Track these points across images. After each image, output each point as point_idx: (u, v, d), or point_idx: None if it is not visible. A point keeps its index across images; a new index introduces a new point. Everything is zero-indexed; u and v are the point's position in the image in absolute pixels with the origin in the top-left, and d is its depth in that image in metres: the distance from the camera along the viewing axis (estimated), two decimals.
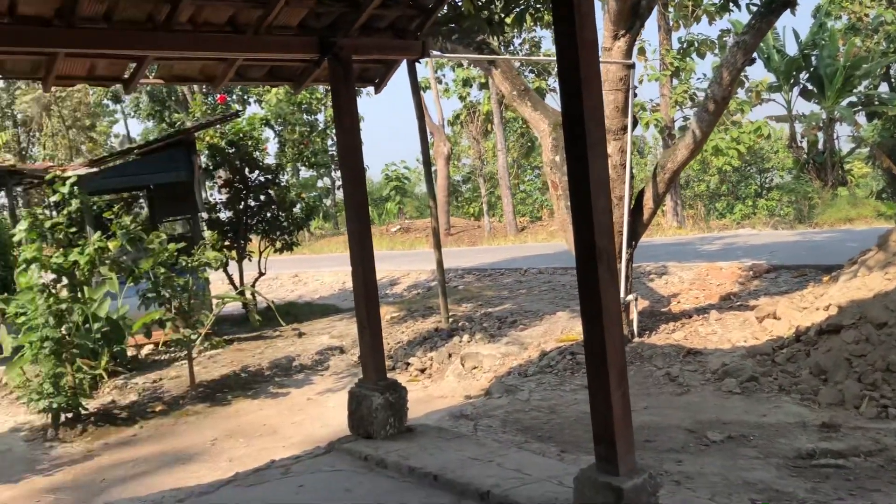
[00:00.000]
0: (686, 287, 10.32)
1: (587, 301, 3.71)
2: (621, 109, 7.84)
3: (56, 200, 8.54)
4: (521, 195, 34.46)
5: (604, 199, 3.70)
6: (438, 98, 29.87)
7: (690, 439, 5.30)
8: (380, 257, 5.64)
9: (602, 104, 3.76)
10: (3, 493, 5.99)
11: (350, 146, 5.43)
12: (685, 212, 27.61)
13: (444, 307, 10.18)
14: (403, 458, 4.90)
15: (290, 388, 8.51)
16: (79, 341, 7.58)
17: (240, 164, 12.64)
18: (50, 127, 36.60)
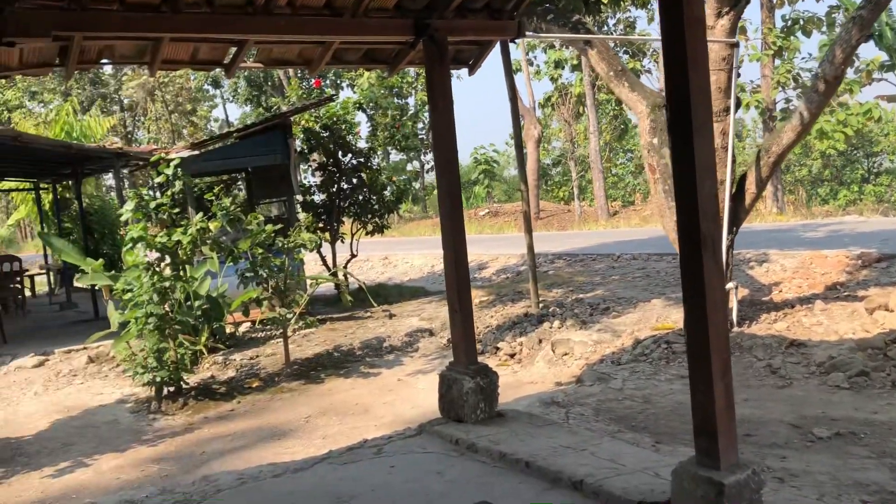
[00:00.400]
0: (788, 276, 9.89)
1: (690, 289, 3.58)
2: (724, 90, 7.53)
3: (160, 182, 8.86)
4: (612, 179, 33.84)
5: (710, 183, 3.54)
6: (529, 80, 29.60)
7: (794, 435, 5.07)
8: (468, 241, 5.60)
9: (709, 84, 3.59)
10: (112, 461, 6.29)
11: (443, 128, 5.39)
12: (786, 197, 26.53)
13: (535, 292, 10.09)
14: (494, 443, 4.87)
15: (380, 369, 8.61)
16: (181, 318, 7.86)
17: (333, 148, 12.84)
18: (153, 111, 38.18)
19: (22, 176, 16.48)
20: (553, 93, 31.12)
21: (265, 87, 38.76)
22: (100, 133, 20.12)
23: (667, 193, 7.66)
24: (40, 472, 6.09)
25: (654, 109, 7.75)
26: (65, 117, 19.33)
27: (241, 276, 8.56)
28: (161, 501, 4.62)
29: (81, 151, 11.66)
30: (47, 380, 9.11)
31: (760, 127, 30.76)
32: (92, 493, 5.45)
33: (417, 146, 30.27)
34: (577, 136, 31.61)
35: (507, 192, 44.20)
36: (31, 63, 4.78)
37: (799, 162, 32.80)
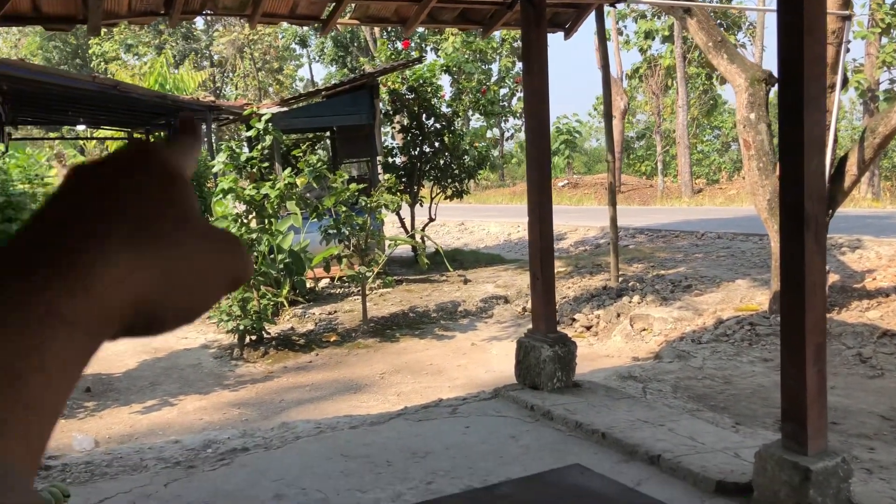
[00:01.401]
0: (884, 264, 9.46)
1: (789, 269, 3.45)
2: (831, 66, 7.19)
3: (250, 136, 9.04)
4: (697, 156, 32.93)
5: (818, 160, 3.40)
6: (618, 50, 28.91)
7: (885, 427, 4.88)
8: (552, 211, 5.53)
9: (825, 55, 3.43)
10: (195, 403, 6.54)
11: (537, 92, 5.32)
12: (883, 183, 25.33)
13: (615, 265, 9.95)
14: (570, 412, 4.85)
15: (454, 332, 8.67)
16: (264, 269, 8.06)
17: (418, 110, 12.85)
18: (242, 68, 38.89)
19: (118, 125, 17.07)
20: (642, 64, 30.37)
21: (351, 48, 39.03)
22: (191, 87, 20.64)
23: (761, 171, 7.40)
24: (129, 408, 6.39)
25: (753, 83, 7.46)
26: (159, 69, 19.90)
27: (323, 233, 8.71)
28: (242, 444, 4.78)
29: (175, 102, 11.99)
30: None
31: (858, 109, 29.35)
32: (177, 431, 5.69)
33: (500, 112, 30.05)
34: (663, 109, 30.81)
35: (588, 164, 43.57)
36: (137, 11, 4.91)
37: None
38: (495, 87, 19.35)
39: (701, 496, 3.68)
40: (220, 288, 0.40)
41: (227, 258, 0.40)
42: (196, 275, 0.38)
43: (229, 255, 0.40)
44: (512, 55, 33.48)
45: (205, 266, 0.38)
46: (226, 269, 0.40)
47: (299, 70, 46.02)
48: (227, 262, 0.40)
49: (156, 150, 0.40)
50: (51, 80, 10.25)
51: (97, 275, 0.33)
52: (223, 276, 0.40)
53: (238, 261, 0.40)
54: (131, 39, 36.54)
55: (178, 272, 0.37)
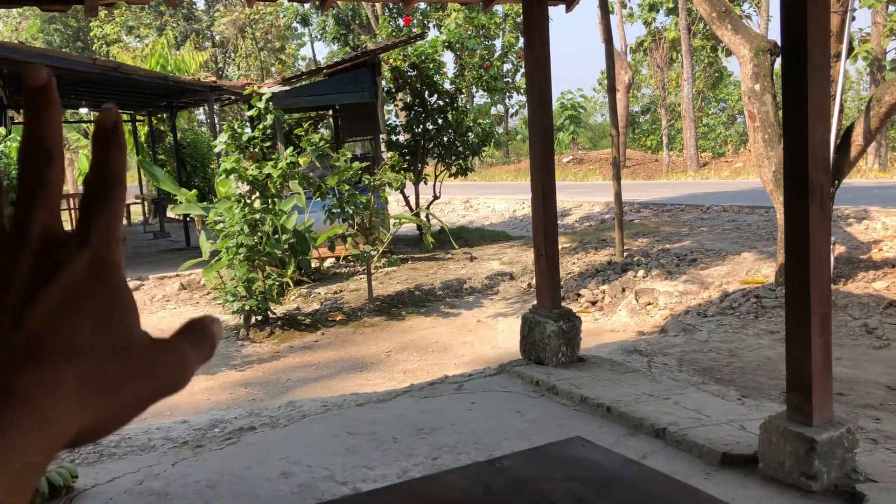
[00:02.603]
0: (890, 234, 9.42)
1: (793, 239, 3.43)
2: (836, 34, 7.11)
3: (252, 115, 9.01)
4: (703, 129, 32.71)
5: (822, 130, 3.36)
6: (622, 23, 28.65)
7: (890, 397, 4.88)
8: (556, 187, 5.50)
9: (829, 23, 3.38)
10: (202, 383, 6.57)
11: (538, 66, 5.27)
12: (890, 154, 25.15)
13: (620, 240, 9.92)
14: (575, 386, 4.85)
15: (460, 309, 8.68)
16: (269, 250, 8.06)
17: (420, 87, 12.77)
18: (244, 48, 38.72)
19: (120, 108, 16.97)
20: (646, 37, 30.11)
21: (353, 25, 38.78)
22: (193, 67, 20.56)
23: (766, 142, 7.34)
24: None
25: (758, 53, 7.38)
26: (160, 51, 19.82)
27: (327, 212, 8.69)
28: (249, 423, 4.80)
29: (177, 83, 11.94)
30: (142, 304, 9.53)
31: (866, 79, 29.06)
32: (184, 412, 5.72)
33: (504, 88, 29.86)
34: (668, 83, 30.58)
35: (593, 139, 43.36)
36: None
37: None
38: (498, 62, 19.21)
39: (706, 468, 3.69)
40: (153, 401, 0.41)
41: (165, 378, 0.41)
42: (134, 402, 0.39)
43: (167, 375, 0.41)
44: (515, 30, 33.20)
45: (143, 393, 0.40)
46: (163, 388, 0.41)
47: (301, 49, 45.78)
48: (165, 381, 0.41)
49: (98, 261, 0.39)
50: (52, 63, 10.21)
51: (53, 420, 0.36)
52: (159, 395, 0.41)
53: (176, 377, 0.41)
54: (132, 21, 36.38)
55: (120, 405, 0.39)
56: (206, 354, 0.43)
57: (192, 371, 0.42)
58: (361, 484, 3.69)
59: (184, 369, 0.41)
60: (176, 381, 0.41)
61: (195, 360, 0.42)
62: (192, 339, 0.43)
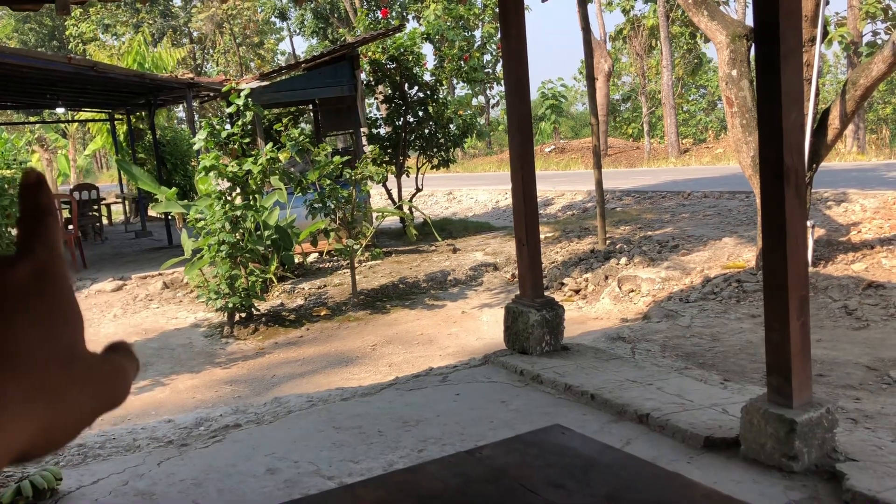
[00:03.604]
0: (868, 216, 9.51)
1: (770, 223, 3.46)
2: (810, 19, 7.15)
3: (231, 112, 8.96)
4: (684, 116, 32.85)
5: (796, 114, 3.39)
6: (601, 11, 28.69)
7: (870, 377, 4.94)
8: (535, 177, 5.52)
9: (800, 8, 3.40)
10: (187, 381, 6.55)
11: (515, 55, 5.27)
12: (868, 136, 25.37)
13: (602, 228, 9.96)
14: (559, 375, 4.88)
15: (445, 301, 8.69)
16: (251, 246, 8.03)
17: (400, 80, 12.74)
18: (222, 44, 38.46)
19: (98, 107, 16.89)
20: (625, 25, 30.16)
21: (331, 19, 38.59)
22: (170, 64, 20.39)
23: (744, 128, 7.39)
24: None
25: (734, 39, 7.42)
26: (137, 49, 19.64)
27: (309, 207, 8.67)
28: (234, 420, 4.79)
29: (154, 81, 11.84)
30: (125, 303, 9.48)
31: (843, 63, 29.29)
32: (170, 411, 5.70)
33: (484, 79, 29.86)
34: (648, 70, 30.67)
35: (574, 128, 43.46)
36: None
37: (883, 100, 31.22)
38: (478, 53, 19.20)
39: (689, 452, 3.72)
40: (100, 413, 0.41)
41: (110, 389, 0.41)
42: (81, 414, 0.39)
43: (111, 386, 0.41)
44: (495, 21, 33.13)
45: (90, 404, 0.40)
46: (108, 399, 0.41)
47: (280, 44, 45.53)
48: (110, 392, 0.41)
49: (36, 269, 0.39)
50: (25, 63, 10.10)
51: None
52: (105, 407, 0.41)
53: (120, 388, 0.42)
54: (108, 19, 36.03)
55: (67, 417, 0.38)
56: (137, 371, 0.44)
57: (131, 384, 0.43)
58: (348, 478, 3.70)
59: (125, 381, 0.42)
60: (120, 392, 0.42)
61: (132, 374, 0.43)
62: (124, 355, 0.43)
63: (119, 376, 0.42)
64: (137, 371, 0.44)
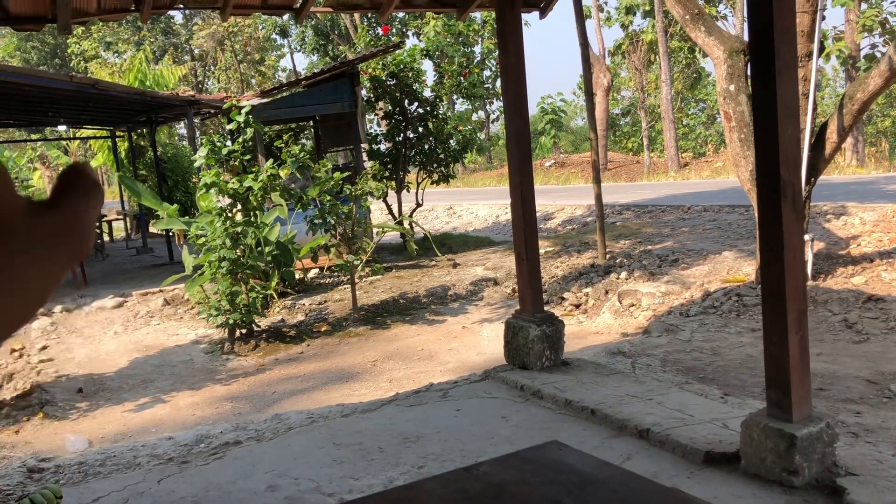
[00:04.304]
0: (868, 229, 9.52)
1: (767, 237, 3.47)
2: (807, 34, 7.20)
3: (232, 129, 9.01)
4: (683, 130, 32.93)
5: (792, 128, 3.41)
6: (600, 27, 28.84)
7: (870, 391, 4.93)
8: (535, 191, 5.54)
9: (795, 23, 3.43)
10: (188, 398, 6.54)
11: (513, 72, 5.31)
12: (867, 149, 25.43)
13: (602, 242, 9.97)
14: (560, 390, 4.88)
15: (445, 316, 8.69)
16: (252, 262, 8.05)
17: (400, 96, 12.80)
18: (223, 61, 38.65)
19: (99, 124, 16.96)
20: (624, 40, 30.29)
21: (332, 36, 38.80)
22: (172, 82, 20.49)
23: (742, 142, 7.41)
24: (122, 407, 6.39)
25: (732, 54, 7.46)
26: (138, 66, 19.74)
27: (309, 223, 8.70)
28: (235, 437, 4.79)
29: (155, 98, 11.90)
30: (126, 320, 9.49)
31: (841, 76, 29.42)
32: (170, 428, 5.69)
33: (483, 94, 29.99)
34: (647, 85, 30.78)
35: (574, 143, 43.57)
36: (108, 8, 4.87)
37: (882, 113, 31.31)
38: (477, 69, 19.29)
39: (689, 467, 3.72)
40: (57, 279, 0.36)
41: (62, 246, 0.36)
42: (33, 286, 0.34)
43: (64, 242, 0.36)
44: (494, 37, 33.32)
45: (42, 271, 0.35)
46: (63, 259, 0.36)
47: (281, 60, 45.75)
48: (64, 250, 0.36)
49: None
50: (28, 82, 10.16)
51: None
52: (60, 269, 0.36)
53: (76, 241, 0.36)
54: (110, 37, 36.21)
55: (17, 294, 0.34)
56: (98, 200, 0.38)
57: (90, 228, 0.37)
58: (348, 495, 3.69)
59: (81, 229, 0.36)
60: (78, 247, 0.36)
61: (90, 213, 0.37)
62: (78, 188, 0.37)
63: (73, 226, 0.36)
64: (101, 194, 0.38)
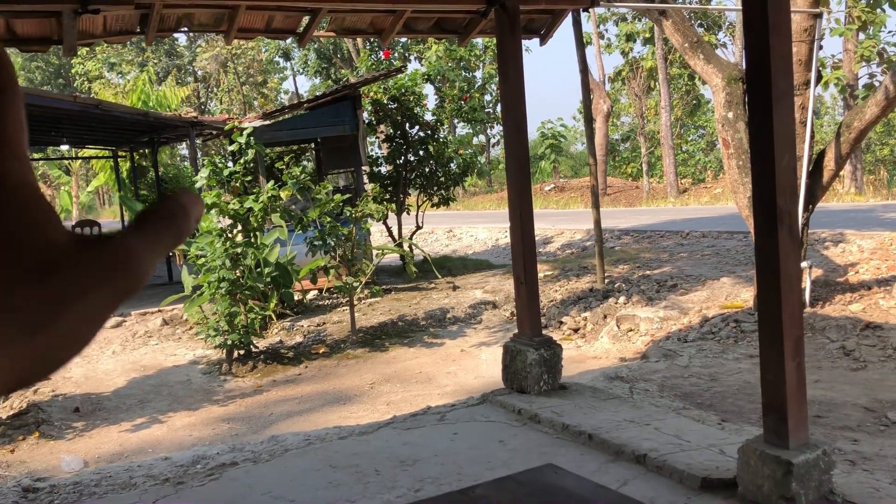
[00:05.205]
0: (866, 257, 9.55)
1: (764, 264, 3.49)
2: (804, 63, 7.28)
3: (233, 150, 9.07)
4: (682, 156, 33.10)
5: (788, 157, 3.44)
6: (600, 53, 29.08)
7: (868, 418, 4.93)
8: (534, 216, 5.57)
9: (791, 52, 3.48)
10: (185, 419, 6.53)
11: (513, 98, 5.36)
12: (865, 177, 25.54)
13: (601, 267, 9.99)
14: (557, 414, 4.87)
15: (444, 339, 8.69)
16: (251, 283, 8.06)
17: (401, 120, 12.90)
18: (226, 83, 38.92)
19: (101, 144, 17.05)
20: (624, 67, 30.51)
21: (334, 59, 39.10)
22: (175, 103, 20.63)
23: (741, 169, 7.47)
24: (118, 426, 6.37)
25: (730, 82, 7.53)
26: (141, 87, 19.88)
27: (309, 245, 8.72)
28: (231, 458, 4.78)
29: (158, 119, 11.99)
30: (124, 340, 9.48)
31: (840, 104, 29.64)
32: (166, 448, 5.68)
33: (484, 118, 30.17)
34: (647, 111, 30.97)
35: (574, 167, 43.73)
36: (113, 31, 4.93)
37: (880, 141, 31.49)
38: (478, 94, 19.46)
39: (686, 493, 3.71)
40: (101, 319, 0.34)
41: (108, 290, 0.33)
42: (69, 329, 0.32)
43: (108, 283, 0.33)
44: (495, 62, 33.57)
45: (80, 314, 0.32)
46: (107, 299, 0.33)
47: (284, 83, 46.06)
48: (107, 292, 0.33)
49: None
50: (31, 102, 10.23)
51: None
52: (105, 310, 0.34)
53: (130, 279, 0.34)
54: (114, 58, 36.50)
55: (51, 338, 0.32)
56: (177, 239, 0.36)
57: (146, 262, 0.34)
58: None
59: (132, 265, 0.33)
60: (125, 284, 0.33)
61: (150, 254, 0.34)
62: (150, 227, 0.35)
63: (118, 263, 0.33)
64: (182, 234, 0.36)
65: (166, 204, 0.36)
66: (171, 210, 0.36)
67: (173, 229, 0.36)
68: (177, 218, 0.36)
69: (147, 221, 0.35)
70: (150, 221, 0.35)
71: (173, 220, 0.36)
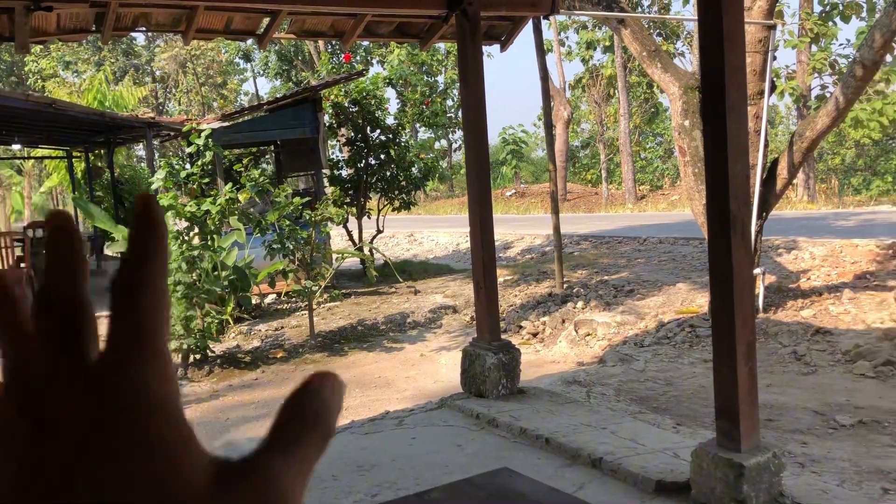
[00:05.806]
0: (817, 264, 9.78)
1: (717, 270, 3.56)
2: (758, 73, 7.43)
3: (191, 152, 8.95)
4: (641, 163, 33.55)
5: (741, 165, 3.51)
6: (560, 61, 29.36)
7: (817, 421, 5.04)
8: (494, 221, 5.60)
9: (745, 63, 3.55)
10: None
11: (474, 103, 5.38)
12: (818, 186, 26.15)
13: (560, 272, 10.07)
14: (515, 418, 4.90)
15: (403, 343, 8.67)
16: (208, 287, 7.96)
17: (362, 123, 12.86)
18: (185, 84, 38.43)
19: (56, 144, 16.70)
20: (584, 74, 30.86)
21: (295, 61, 38.87)
22: (132, 103, 20.31)
23: (696, 176, 7.59)
24: None
25: (687, 91, 7.66)
26: (98, 86, 19.53)
27: (268, 248, 8.64)
28: None
29: (114, 120, 11.78)
30: None
31: (794, 114, 30.33)
32: None
33: (446, 123, 30.24)
34: (606, 118, 31.35)
35: (535, 173, 44.03)
36: (67, 29, 4.84)
37: (832, 151, 32.30)
38: (439, 98, 19.52)
39: (641, 497, 3.76)
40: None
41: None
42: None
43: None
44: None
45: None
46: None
47: (244, 84, 45.68)
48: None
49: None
50: None
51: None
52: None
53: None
54: (70, 56, 35.79)
55: None
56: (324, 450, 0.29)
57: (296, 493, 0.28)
58: None
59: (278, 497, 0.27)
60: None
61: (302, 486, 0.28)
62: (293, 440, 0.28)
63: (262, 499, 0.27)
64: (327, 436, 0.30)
65: (307, 402, 0.29)
66: (314, 412, 0.29)
67: (321, 441, 0.29)
68: (321, 421, 0.29)
69: (288, 430, 0.29)
70: (293, 430, 0.29)
71: (318, 425, 0.29)
